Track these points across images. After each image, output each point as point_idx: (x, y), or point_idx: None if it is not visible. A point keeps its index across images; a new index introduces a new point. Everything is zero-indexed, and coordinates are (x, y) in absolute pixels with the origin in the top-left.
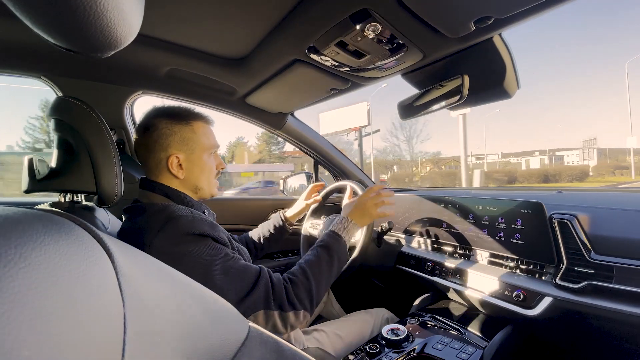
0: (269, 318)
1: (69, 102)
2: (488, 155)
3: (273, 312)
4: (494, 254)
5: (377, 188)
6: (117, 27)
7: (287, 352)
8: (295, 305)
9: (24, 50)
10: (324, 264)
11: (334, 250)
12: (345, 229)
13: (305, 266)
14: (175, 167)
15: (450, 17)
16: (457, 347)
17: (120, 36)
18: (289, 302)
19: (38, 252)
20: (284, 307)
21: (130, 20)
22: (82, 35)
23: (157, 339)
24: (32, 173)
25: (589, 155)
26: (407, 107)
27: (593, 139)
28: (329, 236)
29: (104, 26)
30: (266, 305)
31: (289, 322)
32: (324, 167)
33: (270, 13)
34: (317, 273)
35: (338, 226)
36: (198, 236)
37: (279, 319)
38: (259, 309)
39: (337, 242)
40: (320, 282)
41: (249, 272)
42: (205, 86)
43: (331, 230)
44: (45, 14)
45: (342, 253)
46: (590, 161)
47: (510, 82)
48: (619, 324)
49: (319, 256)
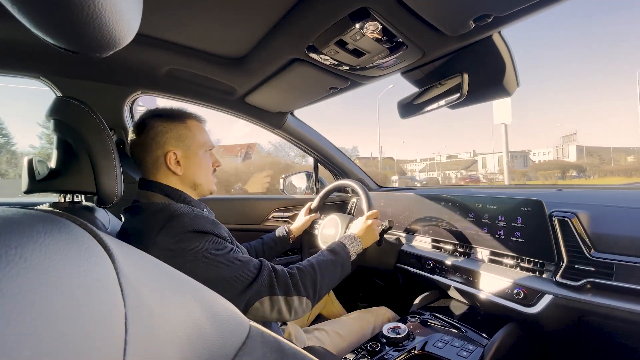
0: (274, 303)
1: (68, 102)
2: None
3: (278, 297)
4: (494, 252)
5: (374, 215)
6: (116, 27)
7: (288, 351)
8: (300, 290)
9: (23, 51)
10: (330, 264)
11: (340, 255)
12: (352, 244)
13: (313, 260)
14: (173, 163)
15: (449, 15)
16: (457, 345)
17: (119, 36)
18: (294, 287)
19: (38, 253)
20: (289, 292)
21: (129, 20)
22: (81, 35)
23: (159, 339)
24: (32, 174)
25: (564, 152)
26: (407, 106)
27: (573, 134)
28: (337, 244)
29: (103, 26)
30: (271, 291)
31: (293, 307)
32: (324, 166)
33: (270, 12)
34: (324, 268)
35: (347, 240)
36: (200, 233)
37: (284, 304)
38: (264, 295)
39: (344, 251)
40: (325, 277)
41: (252, 262)
42: (205, 86)
43: (341, 241)
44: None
45: (346, 260)
46: (564, 159)
47: (509, 80)
48: (619, 321)
49: (327, 256)
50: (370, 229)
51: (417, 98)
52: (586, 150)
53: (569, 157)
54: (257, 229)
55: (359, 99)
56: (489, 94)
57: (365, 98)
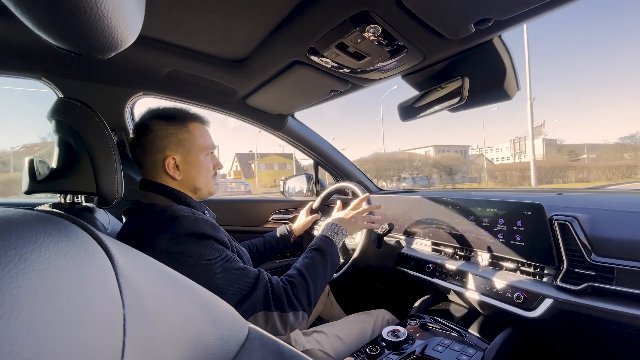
0: (268, 319)
1: (70, 103)
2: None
3: (272, 314)
4: (494, 255)
5: (362, 201)
6: (118, 29)
7: (287, 353)
8: (295, 306)
9: (25, 52)
10: (319, 266)
11: (327, 252)
12: (335, 234)
13: (302, 268)
14: (172, 168)
15: (450, 18)
16: (457, 349)
17: (121, 37)
18: (288, 304)
19: (38, 254)
20: (283, 308)
21: (131, 22)
22: (83, 36)
23: (157, 341)
24: (33, 174)
25: (521, 148)
26: (408, 109)
27: (541, 126)
28: (320, 240)
29: (105, 27)
30: (266, 306)
31: (288, 323)
32: (324, 168)
33: (271, 15)
34: (314, 274)
35: (328, 231)
36: (200, 236)
37: (278, 320)
38: (259, 310)
39: (329, 244)
40: (317, 283)
41: (249, 273)
42: (206, 87)
43: (322, 234)
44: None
45: (334, 255)
46: (522, 155)
47: (510, 84)
48: (619, 325)
49: (314, 259)
50: (355, 217)
51: (417, 101)
52: (558, 146)
53: (529, 155)
54: (257, 231)
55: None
56: (489, 97)
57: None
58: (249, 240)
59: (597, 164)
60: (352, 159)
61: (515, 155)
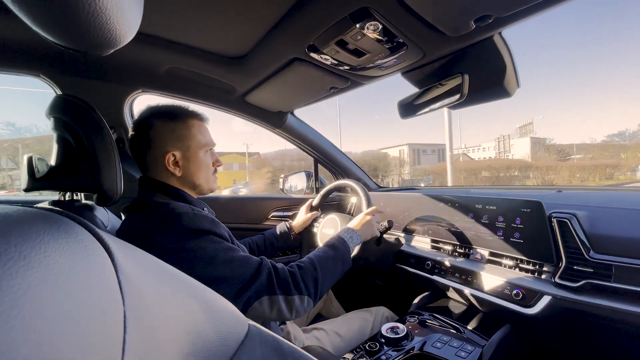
0: (273, 303)
1: (69, 100)
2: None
3: (277, 297)
4: (493, 252)
5: (374, 211)
6: (117, 25)
7: (286, 350)
8: (301, 289)
9: (23, 49)
10: (330, 260)
11: (339, 250)
12: (350, 237)
13: (314, 257)
14: (172, 164)
15: (450, 15)
16: (456, 345)
17: (120, 34)
18: (294, 286)
19: (37, 251)
20: (289, 291)
21: (130, 19)
22: (82, 33)
23: (157, 338)
24: (32, 171)
25: (506, 147)
26: (407, 106)
27: (529, 124)
28: (335, 239)
29: (104, 24)
30: (270, 290)
31: (294, 306)
32: (323, 166)
33: (270, 11)
34: (324, 266)
35: (345, 234)
36: (199, 232)
37: (284, 303)
38: (263, 294)
39: (343, 244)
40: (326, 275)
41: (251, 260)
42: (205, 84)
43: (339, 235)
44: (45, 12)
45: (346, 255)
46: (507, 154)
47: (510, 81)
48: (617, 322)
49: (326, 252)
50: (369, 224)
51: (417, 98)
52: (546, 145)
53: (515, 153)
54: (257, 229)
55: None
56: (489, 94)
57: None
58: (248, 238)
59: (584, 163)
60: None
61: (499, 154)
